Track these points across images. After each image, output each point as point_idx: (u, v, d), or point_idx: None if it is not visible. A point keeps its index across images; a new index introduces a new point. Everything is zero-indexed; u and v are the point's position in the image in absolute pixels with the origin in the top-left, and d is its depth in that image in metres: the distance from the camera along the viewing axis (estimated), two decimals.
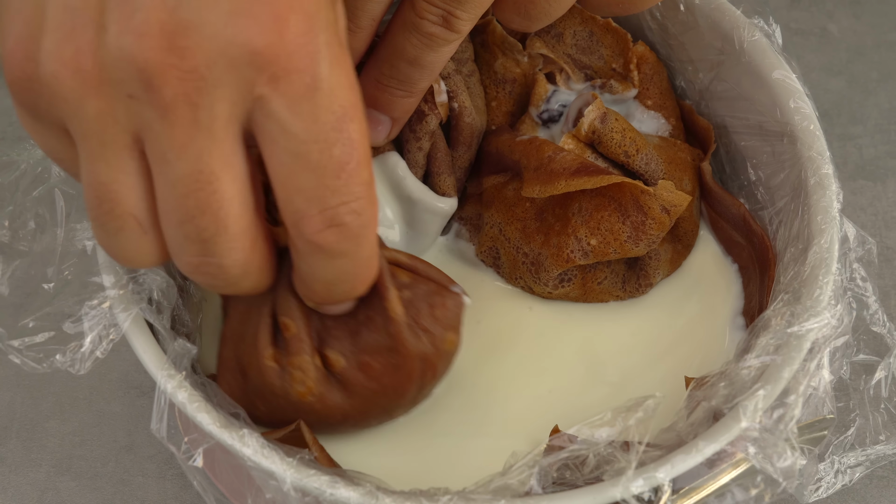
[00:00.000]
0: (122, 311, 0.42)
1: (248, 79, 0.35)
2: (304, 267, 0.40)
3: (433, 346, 0.44)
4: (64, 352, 0.42)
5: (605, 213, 0.49)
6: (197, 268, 0.38)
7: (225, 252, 0.38)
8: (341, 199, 0.37)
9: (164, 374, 0.41)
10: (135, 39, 0.35)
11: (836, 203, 0.46)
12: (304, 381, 0.43)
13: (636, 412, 0.40)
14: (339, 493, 0.39)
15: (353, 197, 0.37)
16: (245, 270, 0.39)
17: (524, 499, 0.39)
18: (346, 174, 0.37)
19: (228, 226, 0.37)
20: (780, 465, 0.39)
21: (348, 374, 0.43)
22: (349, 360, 0.43)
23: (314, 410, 0.44)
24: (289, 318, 0.43)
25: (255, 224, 0.38)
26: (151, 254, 0.39)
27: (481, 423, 0.48)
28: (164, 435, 0.41)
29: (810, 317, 0.43)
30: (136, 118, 0.36)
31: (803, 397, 0.41)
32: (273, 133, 0.36)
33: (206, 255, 0.38)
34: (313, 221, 0.37)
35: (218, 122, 0.36)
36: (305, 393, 0.43)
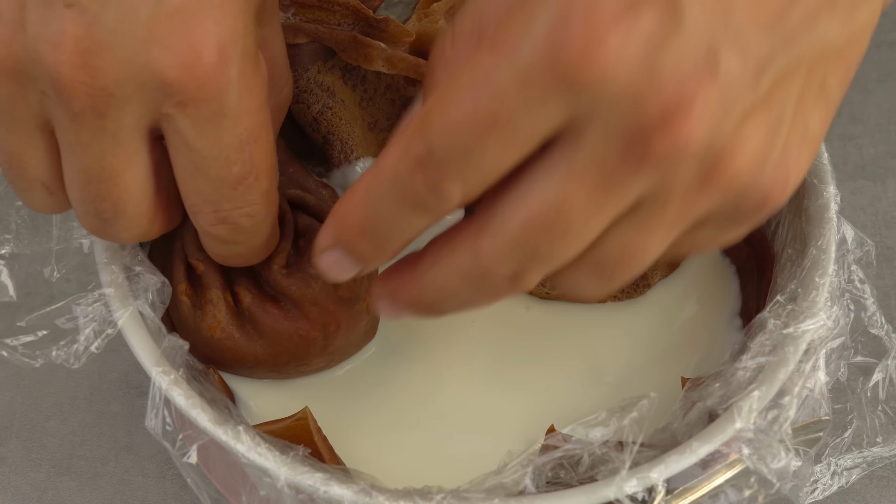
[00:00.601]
0: (119, 308, 0.43)
1: (156, 99, 0.37)
2: (203, 240, 0.42)
3: (325, 293, 0.45)
4: (59, 347, 0.42)
5: None
6: (95, 233, 0.41)
7: (122, 229, 0.40)
8: (235, 205, 0.39)
9: (158, 371, 0.41)
10: (50, 48, 0.35)
11: (833, 204, 0.46)
12: (214, 314, 0.45)
13: (631, 412, 0.40)
14: (333, 490, 0.39)
15: (247, 204, 0.39)
16: (142, 238, 0.41)
17: (518, 498, 0.39)
18: (243, 187, 0.39)
19: (126, 211, 0.39)
20: (775, 466, 0.39)
21: (254, 312, 0.45)
22: (254, 298, 0.45)
23: (226, 348, 0.45)
24: (196, 260, 0.45)
25: (154, 205, 0.40)
26: (58, 208, 0.41)
27: (477, 422, 0.48)
28: (160, 432, 0.41)
29: (806, 318, 0.43)
30: (47, 109, 0.37)
31: (798, 398, 0.41)
32: (178, 144, 0.38)
33: (105, 228, 0.40)
34: (207, 217, 0.40)
35: (124, 131, 0.37)
36: (215, 326, 0.45)
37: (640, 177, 0.33)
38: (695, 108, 0.32)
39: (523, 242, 0.34)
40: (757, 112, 0.33)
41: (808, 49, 0.34)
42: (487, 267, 0.35)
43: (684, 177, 0.33)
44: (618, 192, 0.33)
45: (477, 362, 0.50)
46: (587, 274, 0.36)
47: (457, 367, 0.50)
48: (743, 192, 0.35)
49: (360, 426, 0.48)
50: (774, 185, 0.35)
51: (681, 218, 0.35)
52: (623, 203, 0.34)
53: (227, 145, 0.38)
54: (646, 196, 0.34)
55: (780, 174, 0.35)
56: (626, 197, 0.34)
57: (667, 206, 0.34)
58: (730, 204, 0.35)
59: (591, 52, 0.31)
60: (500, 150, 0.33)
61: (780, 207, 0.36)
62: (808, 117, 0.35)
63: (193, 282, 0.45)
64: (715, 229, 0.37)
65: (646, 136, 0.32)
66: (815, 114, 0.36)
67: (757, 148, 0.34)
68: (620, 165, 0.33)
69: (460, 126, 0.33)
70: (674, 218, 0.35)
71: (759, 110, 0.34)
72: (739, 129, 0.33)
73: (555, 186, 0.33)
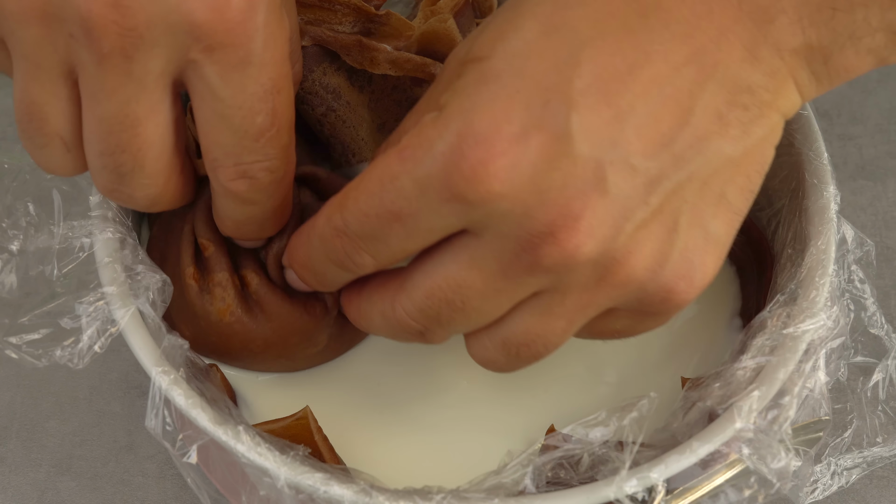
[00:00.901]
0: (120, 308, 0.43)
1: (184, 44, 0.37)
2: (218, 203, 0.42)
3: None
4: (62, 347, 0.42)
5: None
6: (110, 192, 0.41)
7: (137, 187, 0.40)
8: (255, 158, 0.40)
9: (159, 371, 0.41)
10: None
11: (833, 205, 0.46)
12: (223, 297, 0.45)
13: (631, 412, 0.40)
14: (333, 490, 0.39)
15: (267, 157, 0.40)
16: (154, 202, 0.41)
17: (518, 498, 0.39)
18: (265, 139, 0.39)
19: (145, 166, 0.39)
20: (775, 466, 0.39)
21: (261, 294, 0.45)
22: (261, 280, 0.45)
23: (234, 333, 0.45)
24: (206, 240, 0.45)
25: (172, 163, 0.40)
26: (73, 168, 0.41)
27: (478, 422, 0.48)
28: (160, 432, 0.41)
29: (806, 318, 0.43)
30: (74, 54, 0.37)
31: (798, 398, 0.41)
32: (203, 93, 0.38)
33: (121, 185, 0.40)
34: (228, 171, 0.40)
35: (150, 76, 0.37)
36: (224, 310, 0.45)
37: (533, 276, 0.37)
38: (582, 222, 0.36)
39: (427, 308, 0.39)
40: (651, 223, 0.37)
41: (700, 166, 0.37)
42: (399, 319, 0.40)
43: (579, 278, 0.37)
44: (513, 284, 0.38)
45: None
46: (496, 349, 0.40)
47: (459, 367, 0.50)
48: (642, 289, 0.38)
49: (362, 426, 0.48)
50: (677, 282, 0.38)
51: (582, 310, 0.39)
52: (521, 293, 0.38)
53: (251, 94, 0.38)
54: (545, 288, 0.38)
55: (682, 273, 0.38)
56: (522, 288, 0.38)
57: (565, 299, 0.38)
58: (633, 298, 0.39)
59: (480, 176, 0.35)
60: (404, 238, 0.38)
61: (690, 301, 0.39)
62: (708, 224, 0.38)
63: (200, 266, 0.45)
64: (629, 319, 0.40)
65: (535, 247, 0.36)
66: (715, 221, 0.39)
67: (651, 252, 0.37)
68: (514, 265, 0.37)
69: (368, 214, 0.38)
70: (574, 310, 0.39)
71: (653, 221, 0.37)
72: (632, 237, 0.37)
73: (457, 269, 0.38)
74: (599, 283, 0.38)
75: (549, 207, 0.36)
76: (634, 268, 0.37)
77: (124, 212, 0.46)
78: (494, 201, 0.36)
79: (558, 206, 0.36)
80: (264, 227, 0.43)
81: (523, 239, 0.36)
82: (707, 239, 0.39)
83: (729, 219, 0.39)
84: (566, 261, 0.36)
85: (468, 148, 0.36)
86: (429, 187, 0.36)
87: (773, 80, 0.38)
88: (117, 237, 0.44)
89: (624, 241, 0.37)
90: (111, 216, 0.45)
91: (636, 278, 0.38)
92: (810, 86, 0.39)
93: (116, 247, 0.44)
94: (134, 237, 0.45)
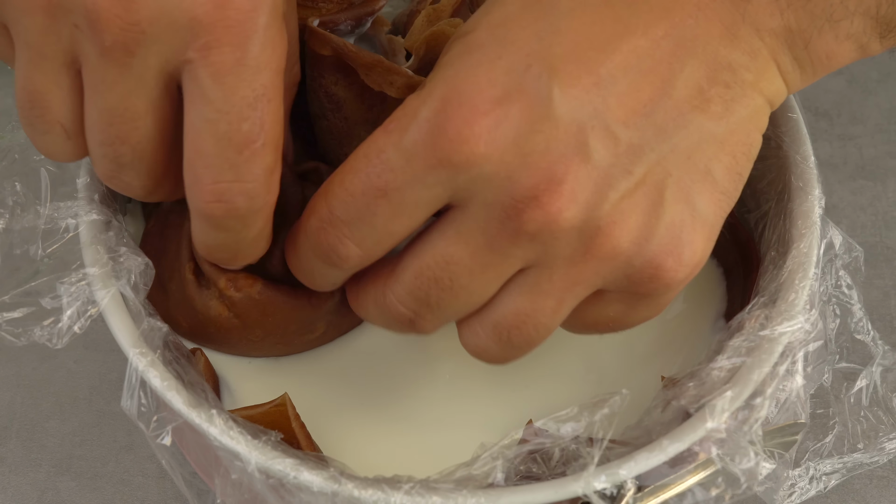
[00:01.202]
0: (101, 289, 0.43)
1: (183, 41, 0.37)
2: (194, 223, 0.41)
3: None
4: (42, 326, 0.43)
5: None
6: (109, 179, 0.41)
7: (135, 177, 0.40)
8: (236, 177, 0.38)
9: (136, 353, 0.41)
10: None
11: (818, 208, 0.46)
12: (220, 295, 0.45)
13: (602, 408, 0.40)
14: (303, 476, 0.39)
15: (248, 178, 0.38)
16: (152, 192, 0.41)
17: (486, 490, 0.39)
18: (248, 152, 0.38)
19: (144, 158, 0.40)
20: (744, 466, 0.39)
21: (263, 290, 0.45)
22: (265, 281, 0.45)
23: (234, 326, 0.46)
24: None
25: (171, 157, 0.40)
26: (73, 154, 0.41)
27: (461, 416, 0.48)
28: (134, 413, 0.41)
29: (784, 320, 0.42)
30: (77, 45, 0.38)
31: (770, 399, 0.41)
32: (193, 95, 0.38)
33: (120, 174, 0.40)
34: (205, 190, 0.39)
35: (150, 72, 0.38)
36: (223, 307, 0.45)
37: (519, 246, 0.37)
38: (564, 186, 0.36)
39: (416, 290, 0.39)
40: (635, 193, 0.37)
41: (682, 139, 0.37)
42: (390, 305, 0.40)
43: (564, 248, 0.37)
44: (500, 257, 0.38)
45: (464, 357, 0.50)
46: (487, 336, 0.40)
47: (444, 361, 0.50)
48: (629, 263, 0.38)
49: (343, 416, 0.48)
50: (665, 258, 0.38)
51: (570, 287, 0.39)
52: (508, 267, 0.38)
53: (241, 98, 0.38)
54: (532, 262, 0.38)
55: (669, 248, 0.38)
56: (509, 261, 0.38)
57: (552, 274, 0.38)
58: (621, 275, 0.38)
59: (464, 137, 0.36)
60: (390, 216, 0.38)
61: (681, 284, 0.39)
62: (695, 200, 0.38)
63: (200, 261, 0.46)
64: (621, 304, 0.40)
65: (518, 211, 0.37)
66: (702, 198, 0.38)
67: (636, 224, 0.37)
68: (500, 235, 0.37)
69: (354, 193, 0.38)
70: (562, 287, 0.38)
71: (637, 192, 0.37)
72: (616, 206, 0.37)
73: (444, 246, 0.38)
74: (585, 256, 0.38)
75: (532, 171, 0.36)
76: (619, 239, 0.37)
77: (111, 194, 0.46)
78: (479, 164, 0.36)
79: (541, 169, 0.36)
80: (236, 256, 0.42)
81: (507, 205, 0.37)
82: (694, 216, 0.39)
83: (716, 199, 0.39)
84: (550, 226, 0.37)
85: (452, 110, 0.36)
86: (414, 155, 0.37)
87: (755, 60, 0.38)
88: (102, 219, 0.45)
89: (608, 210, 0.37)
90: (97, 198, 0.45)
91: (622, 251, 0.38)
92: (794, 73, 0.40)
93: (101, 228, 0.44)
94: (120, 220, 0.46)
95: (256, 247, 0.42)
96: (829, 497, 0.54)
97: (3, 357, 0.58)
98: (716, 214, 0.39)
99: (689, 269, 0.39)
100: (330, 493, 0.39)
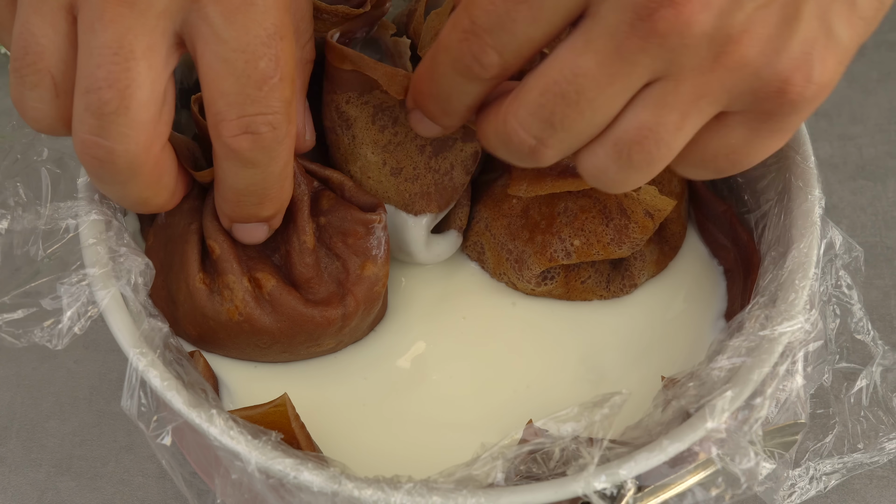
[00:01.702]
0: (101, 289, 0.43)
1: None
2: (220, 172, 0.42)
3: (346, 272, 0.47)
4: (42, 328, 0.43)
5: (590, 215, 0.49)
6: (89, 147, 0.39)
7: (118, 136, 0.39)
8: (259, 110, 0.39)
9: (136, 353, 0.41)
10: None
11: (818, 208, 0.46)
12: (231, 299, 0.45)
13: (602, 408, 0.40)
14: (303, 476, 0.39)
15: (270, 110, 0.40)
16: (134, 168, 0.40)
17: (486, 490, 0.39)
18: (268, 87, 0.39)
19: (130, 108, 0.39)
20: (744, 466, 0.39)
21: (276, 296, 0.46)
22: (277, 283, 0.46)
23: (243, 331, 0.46)
24: (214, 241, 0.45)
25: (156, 127, 0.40)
26: (57, 117, 0.41)
27: (461, 416, 0.48)
28: (134, 412, 0.41)
29: (784, 320, 0.42)
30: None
31: (770, 399, 0.41)
32: (206, 36, 0.38)
33: (101, 134, 0.39)
34: (230, 125, 0.40)
35: (152, 11, 0.38)
36: (233, 311, 0.45)
37: (648, 53, 0.37)
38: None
39: (541, 107, 0.39)
40: (771, 5, 0.37)
41: None
42: (513, 130, 0.40)
43: (693, 57, 0.37)
44: (629, 65, 0.37)
45: (464, 358, 0.50)
46: (607, 155, 0.39)
47: (444, 361, 0.50)
48: (757, 76, 0.37)
49: (343, 417, 0.48)
50: (794, 73, 0.37)
51: (695, 100, 0.38)
52: (635, 78, 0.38)
53: (255, 36, 0.39)
54: (658, 74, 0.37)
55: (799, 64, 0.38)
56: (637, 71, 0.37)
57: (679, 84, 0.38)
58: (747, 88, 0.38)
59: None
60: (530, 20, 0.38)
61: (808, 105, 0.38)
62: (833, 22, 0.38)
63: (209, 269, 0.46)
64: (745, 129, 0.39)
65: (651, 10, 0.36)
66: (840, 21, 0.38)
67: (768, 36, 0.37)
68: (629, 40, 0.37)
69: (496, 0, 0.38)
70: (688, 99, 0.38)
71: (772, 5, 0.37)
72: (750, 17, 0.36)
73: (572, 58, 0.38)
74: (713, 65, 0.37)
75: None
76: (749, 49, 0.37)
77: None
78: None
79: None
80: (265, 199, 0.43)
81: (640, 5, 0.36)
82: (829, 36, 0.38)
83: (854, 22, 0.39)
84: (681, 28, 0.36)
85: None
86: None
87: None
88: (103, 219, 0.45)
89: (741, 19, 0.37)
90: (98, 198, 0.45)
91: (750, 60, 0.37)
92: None
93: (102, 229, 0.44)
94: (120, 219, 0.46)
95: (282, 187, 0.43)
96: (829, 497, 0.54)
97: (3, 357, 0.58)
98: (851, 39, 0.39)
99: (818, 88, 0.38)
100: (330, 493, 0.39)
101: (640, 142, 0.39)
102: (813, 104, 0.39)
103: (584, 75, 0.38)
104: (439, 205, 0.49)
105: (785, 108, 0.38)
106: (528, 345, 0.50)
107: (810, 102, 0.39)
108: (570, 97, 0.38)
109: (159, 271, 0.47)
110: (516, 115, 0.40)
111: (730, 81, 0.38)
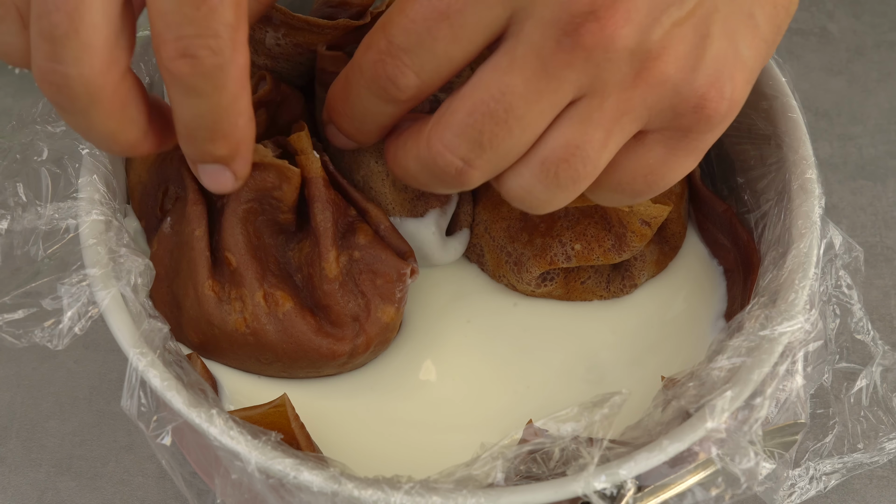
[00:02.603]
0: (102, 290, 0.43)
1: None
2: (171, 104, 0.40)
3: (367, 311, 0.47)
4: (43, 328, 0.43)
5: (592, 221, 0.49)
6: (45, 74, 0.38)
7: (72, 60, 0.38)
8: (196, 31, 0.37)
9: (136, 353, 0.41)
10: None
11: (817, 208, 0.46)
12: (241, 310, 0.45)
13: (602, 408, 0.40)
14: (303, 476, 0.39)
15: (210, 33, 0.37)
16: (91, 94, 0.39)
17: (486, 490, 0.39)
18: (206, 7, 0.37)
19: (80, 30, 0.37)
20: (744, 466, 0.39)
21: (291, 318, 0.46)
22: (295, 305, 0.46)
23: (247, 344, 0.46)
24: (231, 254, 0.45)
25: (112, 51, 0.38)
26: (22, 51, 0.39)
27: (462, 416, 0.48)
28: (134, 412, 0.41)
29: (783, 320, 0.42)
30: None
31: (770, 399, 0.41)
32: None
33: (54, 59, 0.38)
34: (168, 47, 0.38)
35: None
36: (241, 322, 0.45)
37: (574, 67, 0.38)
38: (620, 8, 0.37)
39: (469, 127, 0.39)
40: (685, 23, 0.38)
41: None
42: (438, 153, 0.40)
43: (616, 72, 0.38)
44: (555, 81, 0.38)
45: (464, 358, 0.50)
46: (532, 174, 0.40)
47: (445, 362, 0.50)
48: (676, 92, 0.39)
49: (343, 418, 0.48)
50: (709, 89, 0.39)
51: (619, 117, 0.39)
52: (561, 94, 0.38)
53: None
54: (583, 91, 0.38)
55: (713, 80, 0.39)
56: (563, 87, 0.38)
57: (603, 101, 0.38)
58: (667, 105, 0.39)
59: None
60: (451, 39, 0.38)
61: (721, 122, 0.40)
62: (738, 42, 0.39)
63: (221, 277, 0.46)
64: (663, 147, 0.40)
65: (576, 28, 0.37)
66: (744, 41, 0.40)
67: (685, 53, 0.38)
68: (555, 55, 0.37)
69: (416, 19, 0.38)
70: (612, 115, 0.39)
71: (687, 22, 0.38)
72: (668, 33, 0.38)
73: (498, 77, 0.38)
74: (635, 81, 0.38)
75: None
76: (668, 65, 0.38)
77: (111, 194, 0.46)
78: None
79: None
80: (215, 136, 0.40)
81: (565, 21, 0.37)
82: (736, 55, 0.40)
83: (756, 44, 0.40)
84: (606, 43, 0.37)
85: None
86: None
87: None
88: (103, 219, 0.45)
89: (660, 36, 0.38)
90: (98, 198, 0.45)
91: (670, 77, 0.38)
92: None
93: (102, 229, 0.44)
94: (120, 220, 0.46)
95: (235, 123, 0.40)
96: (829, 497, 0.54)
97: (3, 357, 0.58)
98: (755, 59, 0.40)
99: (730, 104, 0.40)
100: (330, 493, 0.39)
101: (566, 159, 0.39)
102: (725, 121, 0.40)
103: (512, 93, 0.38)
104: (440, 199, 0.50)
105: (701, 124, 0.40)
106: (529, 345, 0.50)
107: (724, 119, 0.40)
108: (499, 115, 0.39)
109: (164, 278, 0.47)
110: (441, 138, 0.40)
111: (651, 97, 0.39)
